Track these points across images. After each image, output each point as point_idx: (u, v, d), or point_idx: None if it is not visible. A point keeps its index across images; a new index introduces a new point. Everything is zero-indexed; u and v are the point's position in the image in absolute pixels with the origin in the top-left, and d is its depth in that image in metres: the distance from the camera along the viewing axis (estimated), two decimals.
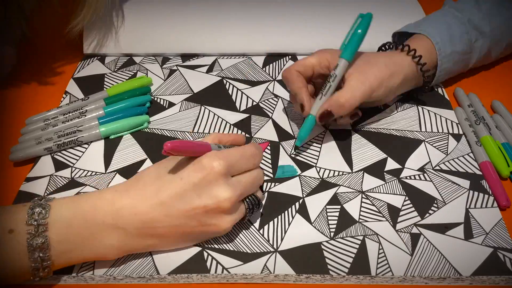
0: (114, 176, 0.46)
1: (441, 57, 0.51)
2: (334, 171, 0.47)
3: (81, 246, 0.37)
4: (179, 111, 0.54)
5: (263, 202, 0.44)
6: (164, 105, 0.55)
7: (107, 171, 0.47)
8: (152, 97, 0.55)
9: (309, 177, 0.46)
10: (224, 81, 0.58)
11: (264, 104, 0.55)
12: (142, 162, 0.48)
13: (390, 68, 0.48)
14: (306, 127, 0.47)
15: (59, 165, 0.48)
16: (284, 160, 0.48)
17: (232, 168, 0.38)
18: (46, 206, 0.36)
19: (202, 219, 0.37)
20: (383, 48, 0.54)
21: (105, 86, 0.57)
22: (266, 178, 0.46)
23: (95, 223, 0.36)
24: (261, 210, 0.43)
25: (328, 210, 0.43)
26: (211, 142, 0.40)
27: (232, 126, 0.52)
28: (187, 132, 0.51)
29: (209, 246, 0.41)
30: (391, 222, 0.42)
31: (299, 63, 0.49)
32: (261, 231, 0.42)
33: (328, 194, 0.45)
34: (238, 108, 0.54)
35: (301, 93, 0.47)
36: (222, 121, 0.53)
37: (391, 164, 0.47)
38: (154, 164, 0.40)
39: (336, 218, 0.43)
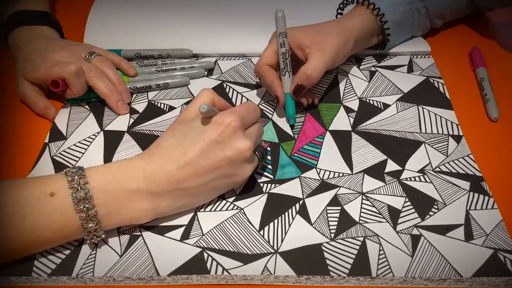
0: None
1: (383, 8, 0.55)
2: (335, 172, 0.47)
3: (119, 209, 0.39)
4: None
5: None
6: (165, 109, 0.55)
7: None
8: (153, 102, 0.56)
9: (310, 178, 0.46)
10: (224, 85, 0.58)
11: (264, 106, 0.55)
12: None
13: (343, 34, 0.53)
14: (289, 105, 0.52)
15: (59, 167, 0.48)
16: (285, 161, 0.48)
17: (244, 121, 0.41)
18: (81, 174, 0.38)
19: (227, 171, 0.41)
20: (341, 5, 0.59)
21: None
22: (266, 179, 0.46)
23: (130, 189, 0.38)
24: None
25: (328, 211, 0.43)
26: (208, 102, 0.43)
27: None
28: None
29: (209, 247, 0.41)
30: (391, 224, 0.42)
31: (266, 56, 0.52)
32: (261, 232, 0.42)
33: (328, 195, 0.45)
34: None
35: (274, 85, 0.51)
36: None
37: (391, 166, 0.47)
38: (166, 131, 0.42)
39: (337, 219, 0.43)
